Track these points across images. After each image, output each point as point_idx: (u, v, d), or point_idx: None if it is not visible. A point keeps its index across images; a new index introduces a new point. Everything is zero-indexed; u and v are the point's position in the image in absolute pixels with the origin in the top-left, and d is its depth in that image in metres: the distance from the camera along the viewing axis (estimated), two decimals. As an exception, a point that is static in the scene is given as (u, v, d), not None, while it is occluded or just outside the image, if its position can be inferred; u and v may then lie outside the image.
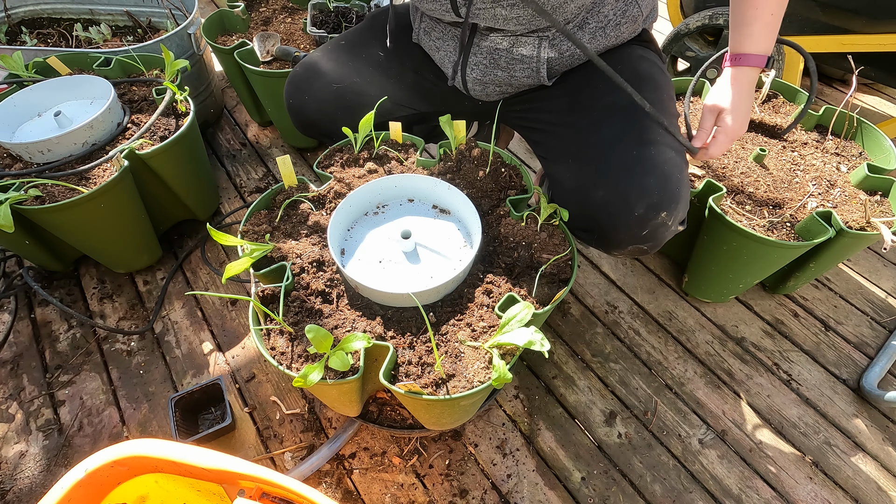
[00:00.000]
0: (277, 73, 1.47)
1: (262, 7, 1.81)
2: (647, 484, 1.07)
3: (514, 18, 0.86)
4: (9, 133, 1.26)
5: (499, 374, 0.72)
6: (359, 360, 0.77)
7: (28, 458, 1.11)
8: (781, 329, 1.32)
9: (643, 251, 0.91)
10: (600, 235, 0.89)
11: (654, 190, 0.84)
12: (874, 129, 1.26)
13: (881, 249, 1.50)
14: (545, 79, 0.97)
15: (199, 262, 1.46)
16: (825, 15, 1.59)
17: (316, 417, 1.16)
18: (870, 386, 1.18)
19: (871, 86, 2.11)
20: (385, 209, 0.99)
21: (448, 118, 1.01)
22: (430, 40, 1.05)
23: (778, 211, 1.15)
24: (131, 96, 1.38)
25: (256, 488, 0.61)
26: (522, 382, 1.22)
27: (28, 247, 1.25)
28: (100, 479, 0.62)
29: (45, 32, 1.71)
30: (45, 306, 1.37)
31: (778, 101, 1.39)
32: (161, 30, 1.76)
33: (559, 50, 0.94)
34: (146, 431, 1.15)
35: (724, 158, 1.25)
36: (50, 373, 1.25)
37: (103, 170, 1.17)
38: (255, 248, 0.87)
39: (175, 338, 1.31)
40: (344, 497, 1.05)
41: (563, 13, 0.86)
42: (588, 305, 1.37)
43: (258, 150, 1.79)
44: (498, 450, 1.11)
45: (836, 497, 1.06)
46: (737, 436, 1.14)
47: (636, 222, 0.84)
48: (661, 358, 1.26)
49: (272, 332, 0.83)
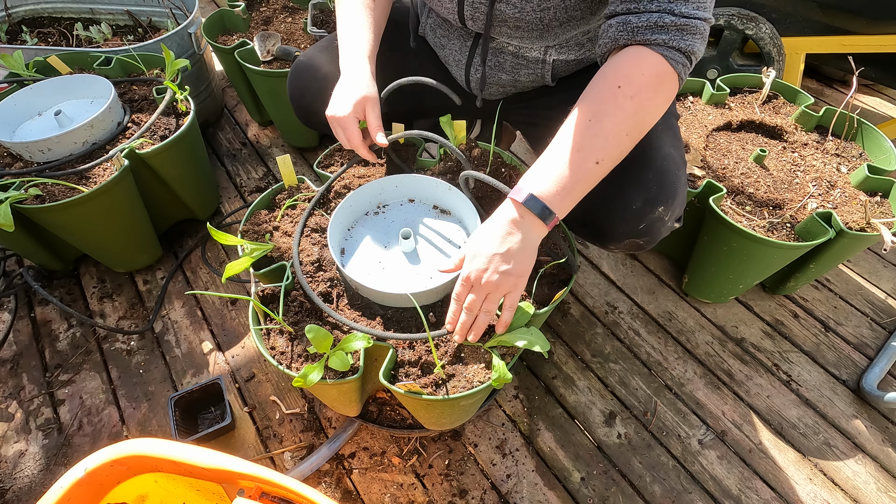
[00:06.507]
0: (278, 73, 1.47)
1: (263, 7, 1.81)
2: (646, 484, 1.07)
3: (519, 37, 0.87)
4: (9, 132, 1.26)
5: (499, 375, 0.72)
6: (359, 360, 0.77)
7: (28, 457, 1.11)
8: (781, 330, 1.32)
9: (640, 246, 0.91)
10: (597, 229, 0.89)
11: (651, 184, 0.84)
12: (874, 130, 1.26)
13: (881, 250, 1.50)
14: (549, 81, 0.97)
15: (199, 262, 1.46)
16: (825, 16, 1.59)
17: (316, 417, 1.16)
18: (869, 387, 1.18)
19: (872, 87, 2.11)
20: (385, 209, 0.99)
21: (448, 118, 1.01)
22: (436, 37, 1.05)
23: (778, 212, 1.15)
24: (132, 95, 1.38)
25: (256, 488, 0.61)
26: (522, 382, 1.22)
27: (28, 246, 1.25)
28: (99, 479, 0.62)
29: (45, 31, 1.71)
30: (45, 305, 1.37)
31: (778, 101, 1.39)
32: (161, 29, 1.76)
33: (566, 56, 0.94)
34: (146, 431, 1.15)
35: (724, 159, 1.26)
36: (50, 372, 1.25)
37: (103, 169, 1.17)
38: (255, 247, 0.87)
39: (175, 337, 1.31)
40: (343, 497, 1.05)
41: (578, 28, 0.86)
42: (588, 306, 1.37)
43: (258, 149, 1.79)
44: (497, 450, 1.11)
45: (836, 498, 1.06)
46: (736, 436, 1.14)
47: (633, 216, 0.85)
48: (661, 358, 1.26)
49: (272, 332, 0.83)
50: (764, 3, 1.64)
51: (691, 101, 1.41)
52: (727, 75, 1.42)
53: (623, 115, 0.68)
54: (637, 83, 0.68)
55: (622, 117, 0.68)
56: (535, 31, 0.84)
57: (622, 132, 0.69)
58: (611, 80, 0.69)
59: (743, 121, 1.34)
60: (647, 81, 0.68)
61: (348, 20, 0.94)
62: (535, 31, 0.84)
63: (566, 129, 0.71)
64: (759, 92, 1.40)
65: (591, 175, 0.70)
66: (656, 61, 0.68)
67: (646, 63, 0.68)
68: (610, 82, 0.69)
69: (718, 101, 1.38)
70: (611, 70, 0.70)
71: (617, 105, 0.68)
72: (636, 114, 0.69)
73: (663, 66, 0.68)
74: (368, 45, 0.92)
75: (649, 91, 0.68)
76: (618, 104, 0.68)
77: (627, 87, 0.67)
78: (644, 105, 0.69)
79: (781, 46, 1.67)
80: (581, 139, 0.69)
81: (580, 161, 0.69)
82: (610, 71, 0.70)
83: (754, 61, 1.82)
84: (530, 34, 0.85)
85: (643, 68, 0.68)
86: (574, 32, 0.87)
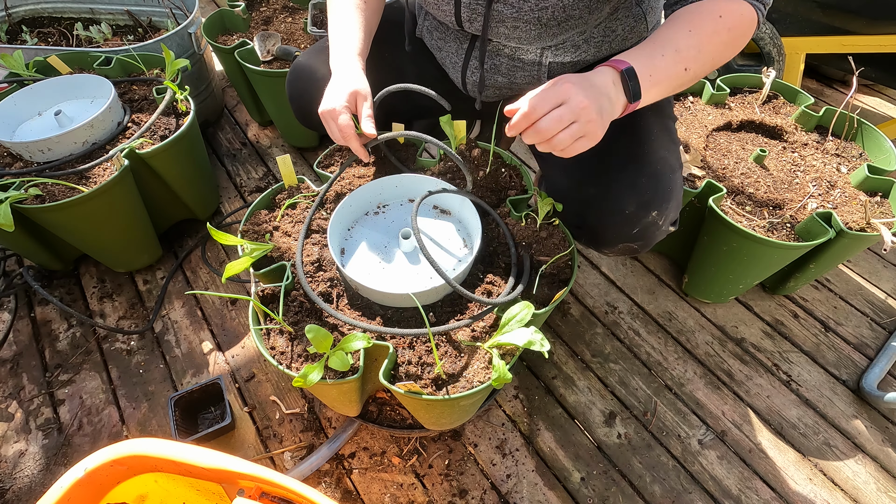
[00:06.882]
0: (278, 73, 1.47)
1: (263, 6, 1.81)
2: (646, 484, 1.07)
3: (517, 38, 0.87)
4: (9, 132, 1.26)
5: (499, 374, 0.72)
6: (359, 359, 0.77)
7: (27, 457, 1.11)
8: (781, 330, 1.32)
9: (634, 250, 0.91)
10: (591, 233, 0.89)
11: (645, 188, 0.84)
12: (874, 131, 1.26)
13: (881, 250, 1.50)
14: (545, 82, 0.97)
15: (199, 262, 1.46)
16: (825, 16, 1.59)
17: (315, 417, 1.16)
18: (869, 387, 1.18)
19: (872, 87, 2.11)
20: (385, 209, 0.99)
21: (448, 118, 1.01)
22: (433, 39, 1.04)
23: (778, 212, 1.15)
24: (132, 95, 1.38)
25: (256, 488, 0.61)
26: (522, 383, 1.22)
27: (28, 246, 1.25)
28: (99, 479, 0.62)
29: (45, 31, 1.71)
30: (45, 305, 1.37)
31: (778, 101, 1.39)
32: (161, 29, 1.76)
33: (562, 58, 0.94)
34: (146, 431, 1.15)
35: (724, 159, 1.26)
36: (50, 372, 1.25)
37: (103, 169, 1.17)
38: (255, 247, 0.87)
39: (175, 337, 1.31)
40: (343, 497, 1.05)
41: (575, 28, 0.86)
42: (588, 306, 1.37)
43: (258, 149, 1.79)
44: (497, 450, 1.11)
45: (836, 498, 1.06)
46: (736, 436, 1.14)
47: (626, 220, 0.85)
48: (661, 358, 1.26)
49: (272, 332, 0.83)
50: (764, 4, 1.64)
51: (691, 101, 1.41)
52: (727, 75, 1.42)
53: (718, 40, 0.75)
54: (736, 19, 0.75)
55: (717, 41, 0.75)
56: (532, 32, 0.84)
57: (712, 53, 0.75)
58: (713, 9, 0.75)
59: (743, 121, 1.34)
60: (743, 20, 0.76)
61: (338, 21, 0.94)
62: (532, 32, 0.84)
63: (665, 32, 0.75)
64: (759, 92, 1.40)
65: (678, 77, 0.75)
66: (748, 7, 0.76)
67: (743, 5, 0.76)
68: (712, 10, 0.75)
69: (718, 101, 1.38)
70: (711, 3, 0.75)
71: (715, 29, 0.74)
72: (728, 44, 0.76)
73: (752, 13, 0.76)
74: (359, 44, 0.92)
75: (742, 28, 0.76)
76: (716, 29, 0.74)
77: (728, 19, 0.74)
78: (736, 39, 0.76)
79: (781, 46, 1.67)
80: (680, 43, 0.74)
81: (676, 61, 0.74)
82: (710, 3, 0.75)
83: (754, 61, 1.82)
84: (528, 34, 0.85)
85: (741, 9, 0.75)
86: (571, 33, 0.87)
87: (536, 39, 0.87)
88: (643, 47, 0.75)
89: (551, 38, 0.87)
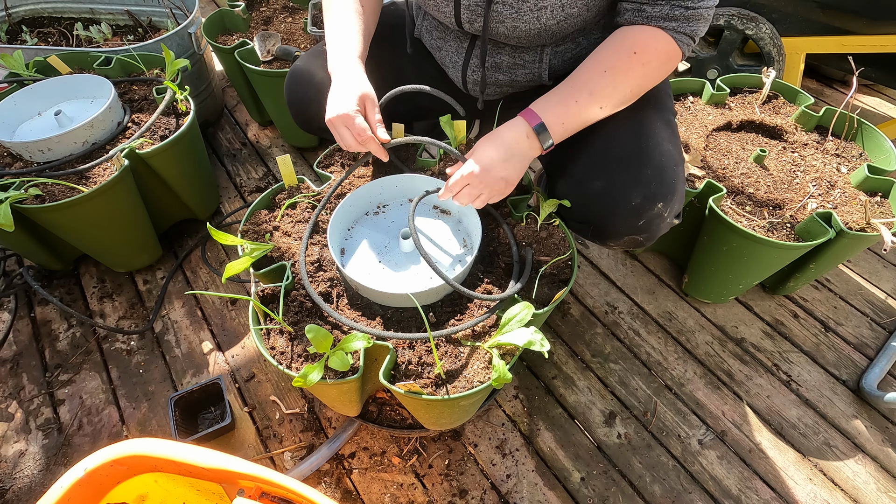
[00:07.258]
0: (278, 73, 1.47)
1: (263, 6, 1.81)
2: (646, 484, 1.07)
3: (516, 37, 0.87)
4: (9, 132, 1.26)
5: (499, 374, 0.72)
6: (358, 359, 0.77)
7: (27, 457, 1.11)
8: (781, 330, 1.32)
9: (639, 242, 0.92)
10: (597, 226, 0.90)
11: (650, 180, 0.85)
12: (874, 131, 1.26)
13: (881, 250, 1.50)
14: (546, 80, 0.97)
15: (199, 262, 1.46)
16: (825, 16, 1.59)
17: (315, 417, 1.16)
18: (869, 387, 1.18)
19: (872, 87, 2.11)
20: (385, 209, 0.99)
21: (448, 118, 1.01)
22: (432, 39, 1.04)
23: (778, 212, 1.15)
24: (132, 95, 1.38)
25: (256, 488, 0.61)
26: (522, 383, 1.22)
27: (28, 246, 1.25)
28: (99, 479, 0.62)
29: (45, 31, 1.71)
30: (44, 305, 1.37)
31: (778, 101, 1.39)
32: (161, 29, 1.76)
33: (562, 56, 0.94)
34: (146, 430, 1.15)
35: (724, 159, 1.26)
36: (50, 372, 1.25)
37: (103, 169, 1.17)
38: (255, 247, 0.87)
39: (175, 337, 1.31)
40: (343, 497, 1.05)
41: (575, 26, 0.87)
42: (588, 306, 1.37)
43: (258, 149, 1.79)
44: (497, 450, 1.11)
45: (836, 498, 1.06)
46: (736, 436, 1.14)
47: (632, 212, 0.85)
48: (661, 358, 1.26)
49: (272, 332, 0.83)
50: (764, 3, 1.64)
51: (691, 101, 1.41)
52: (727, 75, 1.42)
53: (633, 76, 0.80)
54: (651, 54, 0.79)
55: (632, 77, 0.80)
56: (532, 31, 0.84)
57: (628, 89, 0.82)
58: (628, 44, 0.80)
59: (743, 121, 1.34)
60: (658, 55, 0.80)
61: (336, 24, 0.94)
62: (532, 31, 0.84)
63: (582, 74, 0.82)
64: (759, 92, 1.40)
65: (592, 117, 0.83)
66: (668, 41, 0.79)
67: (659, 40, 0.79)
68: (627, 46, 0.80)
69: (718, 102, 1.38)
70: (629, 37, 0.80)
71: (630, 66, 0.80)
72: (643, 77, 0.81)
73: (672, 46, 0.80)
74: (358, 47, 0.92)
75: (658, 63, 0.80)
76: (631, 66, 0.79)
77: (642, 55, 0.79)
78: (651, 73, 0.81)
79: (781, 46, 1.67)
80: (594, 85, 0.80)
81: (589, 102, 0.81)
82: (628, 37, 0.80)
83: (754, 61, 1.82)
84: (527, 34, 0.85)
85: (657, 44, 0.79)
86: (571, 31, 0.88)
87: (536, 38, 0.87)
88: (559, 93, 0.82)
89: (550, 37, 0.87)
